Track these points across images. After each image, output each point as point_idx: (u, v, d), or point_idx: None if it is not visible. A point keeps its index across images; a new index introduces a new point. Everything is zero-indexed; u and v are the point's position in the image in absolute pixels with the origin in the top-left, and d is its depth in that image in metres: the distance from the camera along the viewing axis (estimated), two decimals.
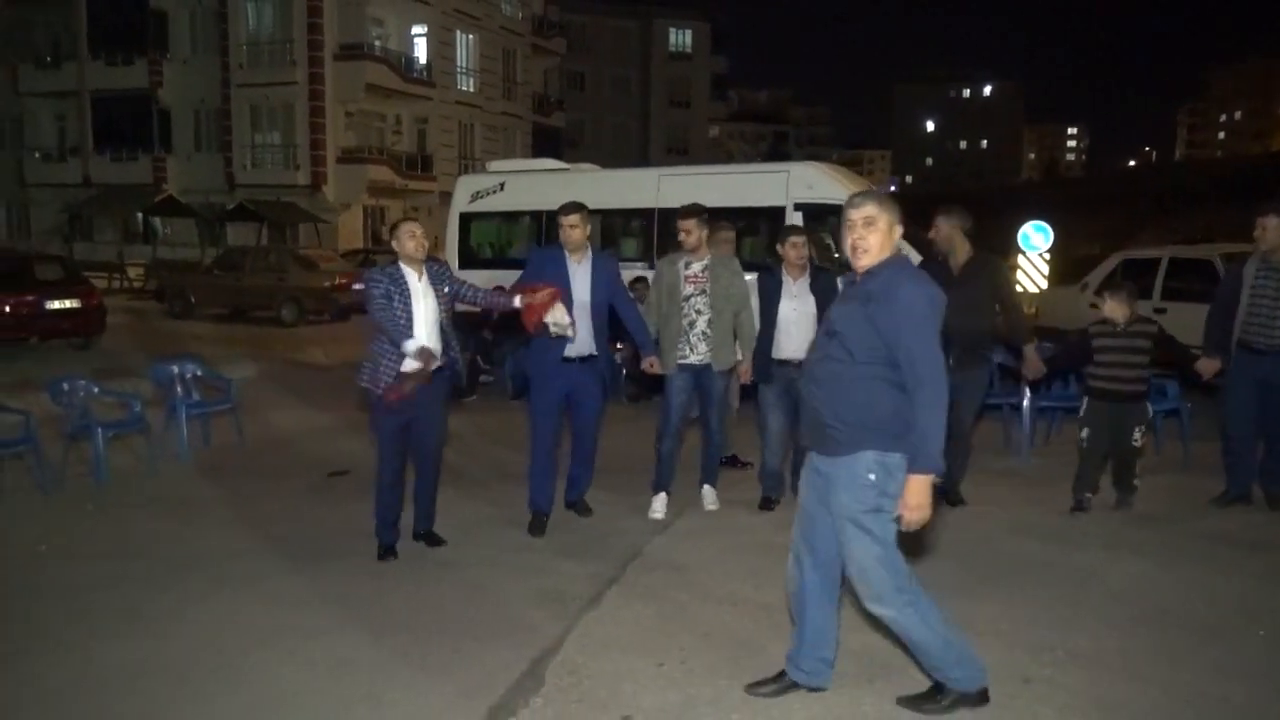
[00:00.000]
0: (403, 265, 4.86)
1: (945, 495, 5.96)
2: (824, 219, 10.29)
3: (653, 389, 7.10)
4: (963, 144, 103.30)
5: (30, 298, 12.45)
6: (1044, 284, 15.06)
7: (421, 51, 32.05)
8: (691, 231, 5.62)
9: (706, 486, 5.93)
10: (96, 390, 7.03)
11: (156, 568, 4.88)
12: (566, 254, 5.38)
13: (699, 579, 4.70)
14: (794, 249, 5.63)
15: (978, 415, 6.07)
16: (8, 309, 12.18)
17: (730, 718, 3.35)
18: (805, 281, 5.68)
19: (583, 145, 44.86)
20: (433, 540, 5.21)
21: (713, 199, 10.69)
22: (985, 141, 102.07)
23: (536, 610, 4.31)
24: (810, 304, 5.61)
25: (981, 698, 3.30)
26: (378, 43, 30.10)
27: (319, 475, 6.80)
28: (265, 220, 26.79)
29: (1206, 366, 5.81)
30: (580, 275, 5.36)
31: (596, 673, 3.67)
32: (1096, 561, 4.90)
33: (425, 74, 31.64)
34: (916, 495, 3.02)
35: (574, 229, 5.34)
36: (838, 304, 3.36)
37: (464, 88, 34.02)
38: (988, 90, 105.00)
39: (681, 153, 51.05)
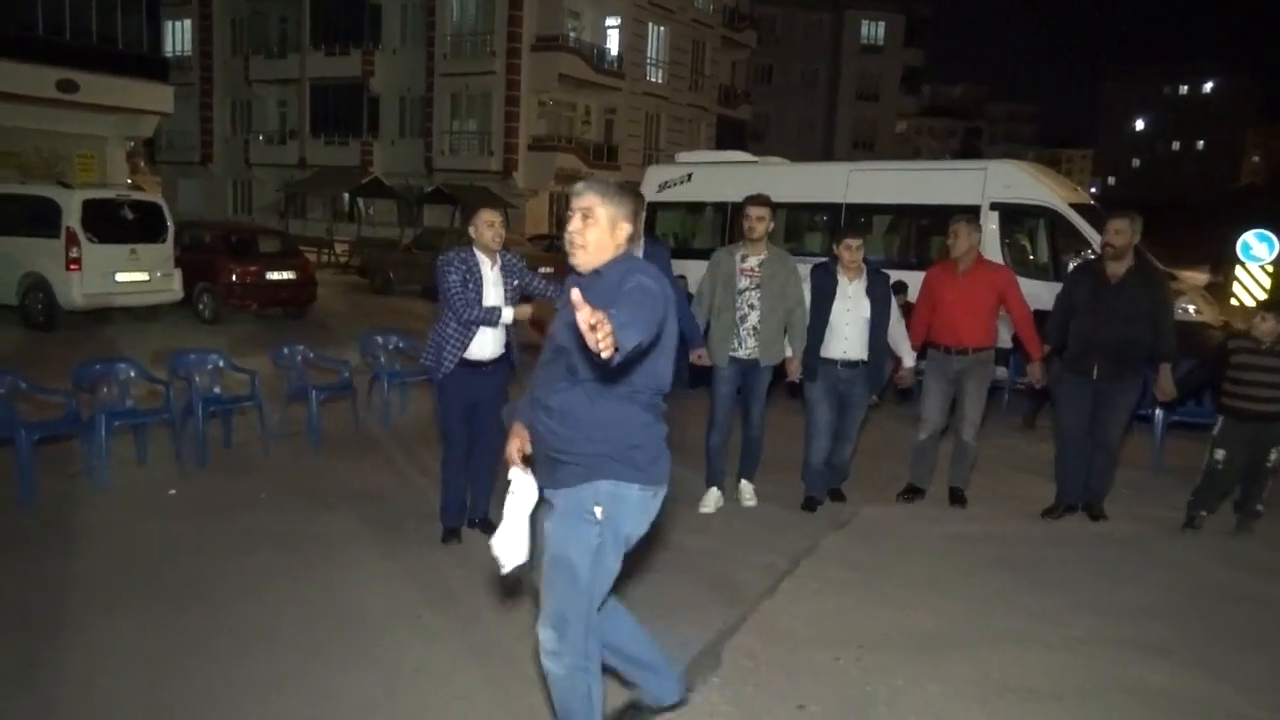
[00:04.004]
0: (477, 252, 4.82)
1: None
2: (1022, 220, 9.87)
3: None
4: (1175, 145, 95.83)
5: (254, 268, 13.59)
6: (1264, 298, 13.85)
7: (614, 43, 32.71)
8: (764, 219, 5.44)
9: (745, 482, 5.87)
10: (312, 355, 7.62)
11: (356, 522, 5.29)
12: None
13: (875, 579, 4.66)
14: (848, 251, 5.51)
15: (1126, 428, 5.75)
16: (235, 278, 13.35)
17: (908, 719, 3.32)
18: (861, 284, 5.55)
19: (767, 138, 44.58)
20: (489, 527, 4.89)
21: (905, 196, 10.58)
22: (1202, 143, 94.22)
23: (712, 594, 4.40)
24: (865, 307, 5.51)
25: None
26: (573, 34, 30.95)
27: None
28: (459, 203, 28.11)
29: None
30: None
31: (773, 661, 3.71)
32: None
33: (616, 65, 32.30)
34: None
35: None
36: (566, 318, 2.66)
37: (652, 79, 34.46)
38: (1209, 87, 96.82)
39: (867, 147, 49.85)
